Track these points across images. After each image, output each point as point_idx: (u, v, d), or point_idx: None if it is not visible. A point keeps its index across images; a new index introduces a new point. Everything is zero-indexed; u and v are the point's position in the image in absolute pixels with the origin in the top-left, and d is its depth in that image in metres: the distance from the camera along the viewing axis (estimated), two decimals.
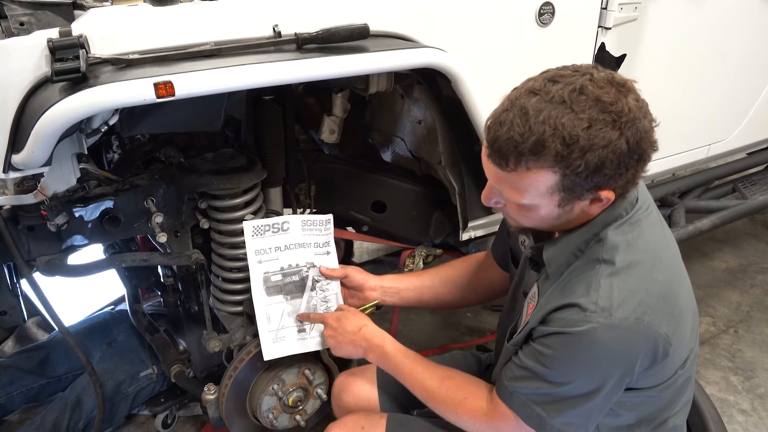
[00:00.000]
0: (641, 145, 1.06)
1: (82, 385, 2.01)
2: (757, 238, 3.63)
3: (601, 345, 1.09)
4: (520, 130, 1.03)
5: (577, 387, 1.14)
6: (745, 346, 2.71)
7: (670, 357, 1.15)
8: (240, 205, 1.67)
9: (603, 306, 1.08)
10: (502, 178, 1.12)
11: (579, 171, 1.04)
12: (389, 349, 1.39)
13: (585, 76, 1.06)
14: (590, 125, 1.01)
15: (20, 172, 1.20)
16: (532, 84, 1.08)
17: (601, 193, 1.10)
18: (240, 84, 1.23)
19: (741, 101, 2.55)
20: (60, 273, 1.56)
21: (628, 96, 1.06)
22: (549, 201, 1.11)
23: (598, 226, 1.18)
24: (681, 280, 1.21)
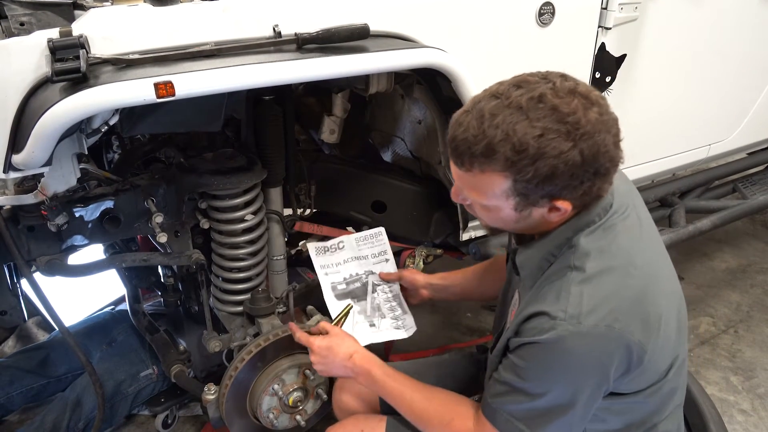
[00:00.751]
0: (598, 159, 1.04)
1: (82, 385, 2.01)
2: (757, 238, 3.63)
3: (571, 353, 1.09)
4: (474, 132, 1.05)
5: (555, 397, 1.13)
6: (745, 346, 2.71)
7: (649, 363, 1.14)
8: (240, 205, 1.68)
9: (572, 313, 1.08)
10: (461, 177, 1.13)
11: (529, 178, 1.04)
12: (377, 375, 1.39)
13: (549, 84, 1.05)
14: (542, 134, 1.01)
15: (20, 172, 1.20)
16: (497, 87, 1.08)
17: (556, 202, 1.10)
18: (240, 84, 1.23)
19: (741, 101, 2.55)
20: (60, 273, 1.56)
21: (591, 109, 1.03)
22: (506, 204, 1.12)
23: (569, 232, 1.17)
24: (660, 284, 1.18)
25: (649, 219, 1.31)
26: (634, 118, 2.14)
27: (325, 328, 1.51)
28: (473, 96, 1.11)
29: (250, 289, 1.81)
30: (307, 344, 1.50)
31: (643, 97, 2.13)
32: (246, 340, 1.78)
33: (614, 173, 1.10)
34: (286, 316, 1.85)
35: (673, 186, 2.68)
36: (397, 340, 1.75)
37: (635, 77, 2.06)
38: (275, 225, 1.87)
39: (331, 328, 1.51)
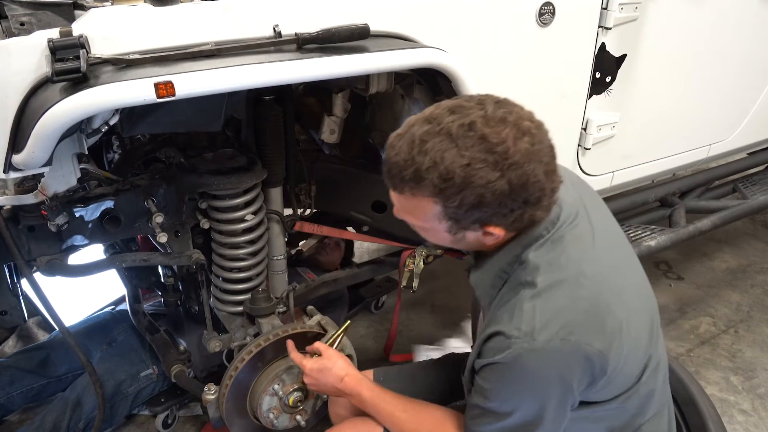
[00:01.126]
0: (527, 189, 1.04)
1: (83, 385, 2.01)
2: (757, 238, 3.63)
3: (529, 370, 1.09)
4: (405, 157, 1.05)
5: (522, 415, 1.14)
6: (746, 346, 2.71)
7: (616, 371, 1.13)
8: (240, 205, 1.68)
9: (525, 330, 1.08)
10: (396, 198, 1.14)
11: (456, 205, 1.05)
12: (367, 397, 1.41)
13: (481, 111, 1.05)
14: (469, 163, 1.01)
15: (21, 172, 1.20)
16: (433, 110, 1.08)
17: (487, 228, 1.10)
18: (240, 84, 1.23)
19: (741, 101, 2.55)
20: (60, 273, 1.56)
21: (522, 139, 1.03)
22: (439, 227, 1.13)
23: (518, 248, 1.17)
24: (617, 290, 1.16)
25: (607, 222, 1.30)
26: (635, 118, 2.15)
27: (319, 349, 1.53)
28: (409, 118, 1.11)
29: (251, 289, 1.81)
30: (300, 365, 1.52)
31: (644, 97, 2.13)
32: (246, 340, 1.78)
33: (549, 201, 1.10)
34: (287, 316, 1.85)
35: (673, 186, 2.68)
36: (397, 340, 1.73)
37: (635, 77, 2.06)
38: (275, 225, 1.87)
39: (324, 349, 1.52)
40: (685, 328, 2.81)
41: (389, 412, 1.37)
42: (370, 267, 2.25)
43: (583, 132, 2.04)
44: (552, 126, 1.86)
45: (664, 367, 1.30)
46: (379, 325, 2.77)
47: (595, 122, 2.02)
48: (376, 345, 2.62)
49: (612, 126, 2.08)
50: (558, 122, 1.95)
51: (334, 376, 1.45)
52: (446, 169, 1.02)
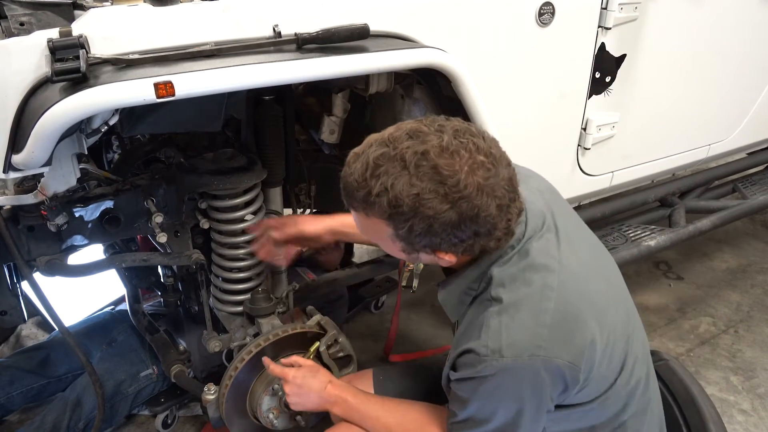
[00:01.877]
0: (477, 222, 1.05)
1: (82, 385, 2.01)
2: (757, 238, 3.63)
3: (501, 385, 1.11)
4: (358, 178, 1.06)
5: (498, 423, 1.16)
6: (746, 346, 2.71)
7: (588, 380, 1.14)
8: (240, 205, 1.68)
9: (493, 348, 1.09)
10: (353, 216, 1.16)
11: (406, 231, 1.07)
12: (352, 402, 1.42)
13: (439, 138, 1.04)
14: (419, 193, 1.02)
15: (20, 172, 1.20)
16: (392, 131, 1.08)
17: (438, 254, 1.12)
18: (240, 84, 1.23)
19: (741, 101, 2.55)
20: (60, 273, 1.56)
21: (476, 172, 1.03)
22: (393, 247, 1.14)
23: (483, 266, 1.18)
24: (586, 297, 1.16)
25: (574, 226, 1.30)
26: (634, 118, 2.15)
27: (298, 362, 1.53)
28: (371, 135, 1.12)
29: (250, 289, 1.81)
30: (282, 375, 1.52)
31: (643, 97, 2.13)
32: (246, 340, 1.77)
33: (502, 233, 1.11)
34: (286, 316, 1.85)
35: (673, 186, 2.68)
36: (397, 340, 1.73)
37: (635, 77, 2.06)
38: None
39: (303, 362, 1.53)
40: (685, 328, 2.81)
41: (375, 416, 1.38)
42: (369, 267, 2.25)
43: (583, 132, 2.04)
44: (552, 126, 1.87)
45: (644, 362, 1.31)
46: (378, 326, 2.77)
47: (594, 122, 2.02)
48: (375, 345, 2.62)
49: (612, 126, 2.08)
50: (558, 122, 1.96)
51: (318, 383, 1.45)
52: (396, 197, 1.03)
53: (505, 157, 1.10)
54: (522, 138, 1.85)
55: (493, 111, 1.65)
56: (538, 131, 1.91)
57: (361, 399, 1.42)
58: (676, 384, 1.53)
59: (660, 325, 2.82)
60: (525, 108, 1.84)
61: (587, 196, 2.25)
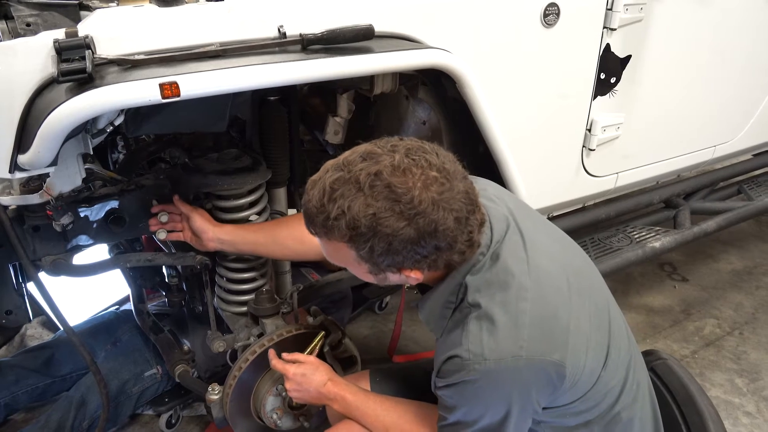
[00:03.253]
0: (436, 236, 1.06)
1: (87, 384, 2.02)
2: (762, 239, 3.61)
3: (485, 388, 1.12)
4: (316, 204, 1.08)
5: (486, 424, 1.18)
6: (750, 348, 2.70)
7: (576, 373, 1.15)
8: (245, 206, 1.68)
9: (476, 352, 1.10)
10: (319, 241, 1.16)
11: (367, 252, 1.07)
12: (351, 400, 1.43)
13: (391, 157, 1.05)
14: (375, 213, 1.03)
15: (26, 172, 1.20)
16: (347, 156, 1.09)
17: (404, 272, 1.12)
18: (245, 84, 1.24)
19: (747, 102, 2.54)
20: (65, 273, 1.57)
21: (429, 188, 1.04)
22: (360, 269, 1.15)
23: (458, 277, 1.19)
24: (560, 293, 1.18)
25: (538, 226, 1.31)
26: (639, 119, 2.14)
27: (299, 358, 1.54)
28: (327, 162, 1.12)
29: (255, 289, 1.81)
30: (283, 371, 1.53)
31: (649, 98, 2.12)
32: (250, 340, 1.78)
33: (465, 246, 1.11)
34: (290, 317, 1.85)
35: (678, 187, 2.67)
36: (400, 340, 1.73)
37: (640, 78, 2.05)
38: None
39: (304, 358, 1.53)
40: (690, 330, 2.81)
41: (374, 415, 1.40)
42: None
43: (588, 133, 2.04)
44: (556, 127, 1.86)
45: (627, 351, 1.31)
46: (382, 326, 2.77)
47: (599, 123, 2.02)
48: (379, 345, 2.62)
49: (617, 127, 2.07)
50: (562, 123, 1.96)
51: (317, 381, 1.46)
52: (353, 219, 1.04)
53: (461, 171, 1.11)
54: (527, 139, 1.84)
55: (498, 112, 1.65)
56: (542, 132, 1.91)
57: (359, 397, 1.44)
58: (675, 383, 1.53)
59: (665, 326, 2.82)
60: (530, 109, 1.84)
61: (592, 197, 2.25)
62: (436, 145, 1.12)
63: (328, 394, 1.46)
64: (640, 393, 1.34)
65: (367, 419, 1.41)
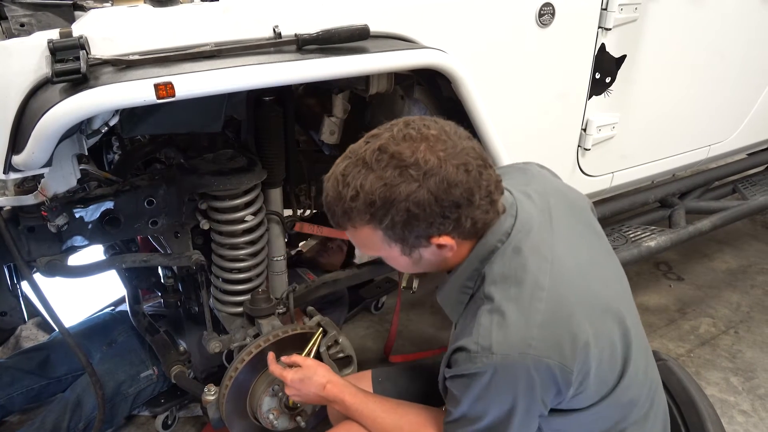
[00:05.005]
0: (451, 193, 1.06)
1: (83, 385, 2.01)
2: (757, 238, 3.63)
3: (492, 383, 1.11)
4: (334, 195, 1.11)
5: (491, 420, 1.16)
6: (746, 346, 2.70)
7: (584, 381, 1.14)
8: (240, 206, 1.68)
9: (484, 345, 1.10)
10: (349, 236, 1.18)
11: (391, 226, 1.08)
12: (350, 402, 1.42)
13: (389, 132, 1.09)
14: (386, 183, 1.05)
15: (20, 173, 1.20)
16: (352, 146, 1.12)
17: (435, 240, 1.11)
18: (240, 85, 1.23)
19: (741, 102, 2.55)
20: (60, 274, 1.56)
21: (434, 148, 1.06)
22: (392, 252, 1.15)
23: (475, 262, 1.19)
24: (580, 298, 1.15)
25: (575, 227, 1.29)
26: (635, 119, 2.15)
27: (297, 362, 1.53)
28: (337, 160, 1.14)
29: (250, 289, 1.81)
30: (281, 377, 1.53)
31: (644, 97, 2.13)
32: (246, 340, 1.77)
33: (485, 200, 1.11)
34: (286, 317, 1.85)
35: (673, 187, 2.68)
36: (397, 340, 1.73)
37: (635, 78, 2.06)
38: (275, 226, 1.87)
39: (302, 361, 1.53)
40: (685, 329, 2.81)
41: (373, 417, 1.39)
42: (370, 268, 2.24)
43: (583, 133, 2.04)
44: (552, 126, 1.86)
45: (644, 369, 1.29)
46: (379, 326, 2.77)
47: (594, 123, 2.02)
48: (376, 346, 2.62)
49: (612, 127, 2.08)
50: (558, 123, 1.96)
51: (315, 385, 1.46)
52: (367, 195, 1.06)
53: (465, 133, 1.12)
54: (522, 138, 1.85)
55: (493, 112, 1.65)
56: (538, 132, 1.91)
57: (359, 398, 1.43)
58: (675, 384, 1.53)
59: (660, 325, 2.82)
60: (525, 108, 1.84)
61: (587, 196, 2.25)
62: (435, 117, 1.14)
63: (328, 396, 1.45)
64: (652, 412, 1.31)
65: (367, 421, 1.40)
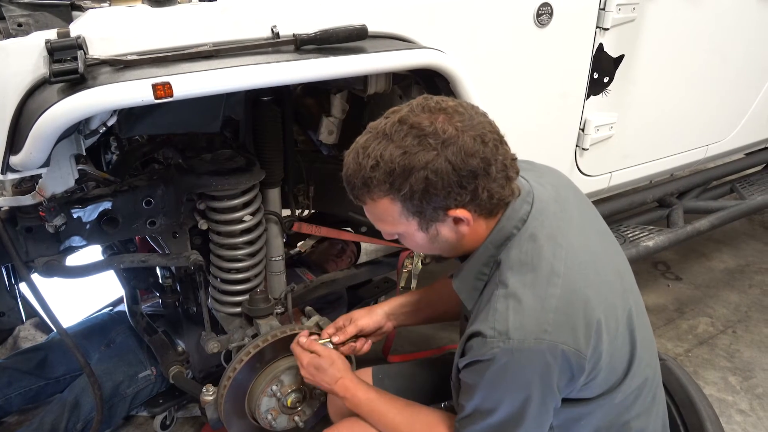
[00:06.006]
0: (468, 162, 1.08)
1: (81, 386, 2.01)
2: (755, 238, 3.63)
3: (507, 368, 1.11)
4: (354, 167, 1.13)
5: (505, 412, 1.15)
6: (744, 346, 2.71)
7: (596, 368, 1.14)
8: (238, 206, 1.68)
9: (500, 330, 1.10)
10: (367, 212, 1.21)
11: (409, 195, 1.10)
12: (362, 398, 1.42)
13: (408, 106, 1.13)
14: (405, 151, 1.08)
15: (18, 173, 1.20)
16: (372, 123, 1.16)
17: (453, 213, 1.13)
18: (238, 85, 1.23)
19: (739, 102, 2.56)
20: (58, 274, 1.56)
21: (452, 119, 1.09)
22: (410, 227, 1.17)
23: (491, 248, 1.20)
24: (592, 287, 1.16)
25: (586, 217, 1.31)
26: (632, 119, 2.15)
27: (317, 350, 1.51)
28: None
29: (249, 290, 1.81)
30: (299, 358, 1.52)
31: (641, 97, 2.13)
32: (244, 341, 1.77)
33: (501, 173, 1.12)
34: (285, 317, 1.85)
35: (671, 186, 2.68)
36: (395, 340, 1.73)
37: (633, 78, 2.06)
38: (273, 226, 1.87)
39: (322, 350, 1.51)
40: (684, 329, 2.82)
41: (383, 414, 1.38)
42: (368, 268, 2.25)
43: (581, 132, 2.04)
44: (550, 126, 1.86)
45: (649, 364, 1.30)
46: None
47: (593, 123, 2.03)
48: (374, 346, 2.61)
49: (610, 126, 2.08)
50: (556, 122, 1.96)
51: (330, 376, 1.46)
52: (387, 164, 1.09)
53: (481, 110, 1.15)
54: (520, 138, 1.83)
55: (491, 111, 1.65)
56: (536, 131, 1.91)
57: (372, 396, 1.42)
58: (674, 384, 1.53)
59: (658, 325, 2.83)
60: (523, 108, 1.84)
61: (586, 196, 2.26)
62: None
63: (339, 391, 1.45)
64: (654, 408, 1.32)
65: (378, 418, 1.39)
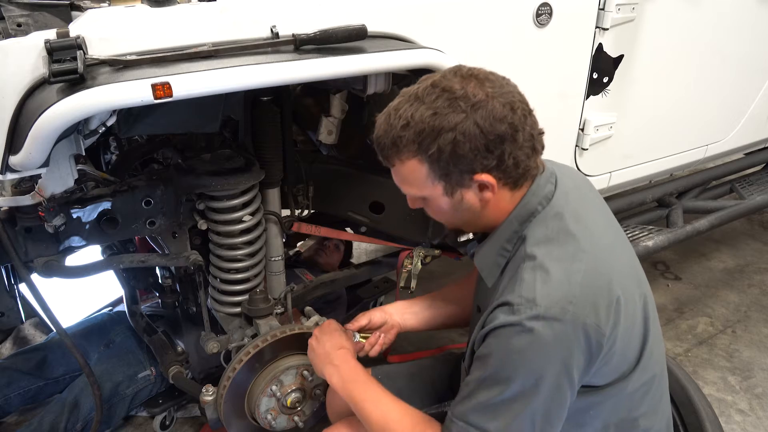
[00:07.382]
0: (496, 127, 1.11)
1: (80, 386, 2.01)
2: (754, 238, 3.64)
3: (531, 337, 1.09)
4: (385, 128, 1.17)
5: (518, 385, 1.11)
6: (743, 346, 2.71)
7: (612, 350, 1.14)
8: (238, 206, 1.68)
9: (528, 297, 1.11)
10: (394, 175, 1.23)
11: (437, 156, 1.13)
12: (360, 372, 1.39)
13: (442, 74, 1.16)
14: (435, 112, 1.11)
15: (18, 173, 1.20)
16: (405, 88, 1.19)
17: (478, 177, 1.14)
18: (238, 85, 1.23)
19: (738, 102, 2.56)
20: (58, 274, 1.56)
21: (483, 84, 1.13)
22: (435, 190, 1.19)
23: (515, 224, 1.22)
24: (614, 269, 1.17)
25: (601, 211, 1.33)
26: (632, 119, 2.15)
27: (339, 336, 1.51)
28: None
29: (248, 290, 1.81)
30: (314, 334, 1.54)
31: (641, 97, 2.14)
32: (244, 341, 1.77)
33: (528, 143, 1.15)
34: (284, 317, 1.85)
35: (670, 186, 2.68)
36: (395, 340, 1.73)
37: (632, 78, 2.06)
38: (273, 226, 1.87)
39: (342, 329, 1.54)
40: (683, 328, 2.82)
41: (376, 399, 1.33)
42: (367, 268, 2.25)
43: (581, 132, 2.05)
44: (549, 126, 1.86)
45: (658, 360, 1.30)
46: None
47: (592, 123, 2.03)
48: None
49: (609, 126, 2.08)
50: (555, 122, 1.96)
51: (336, 341, 1.48)
52: (417, 124, 1.12)
53: (511, 81, 1.19)
54: None
55: None
56: None
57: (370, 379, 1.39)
58: (673, 384, 1.54)
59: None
60: None
61: None
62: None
63: (335, 358, 1.43)
64: (660, 407, 1.33)
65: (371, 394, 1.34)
